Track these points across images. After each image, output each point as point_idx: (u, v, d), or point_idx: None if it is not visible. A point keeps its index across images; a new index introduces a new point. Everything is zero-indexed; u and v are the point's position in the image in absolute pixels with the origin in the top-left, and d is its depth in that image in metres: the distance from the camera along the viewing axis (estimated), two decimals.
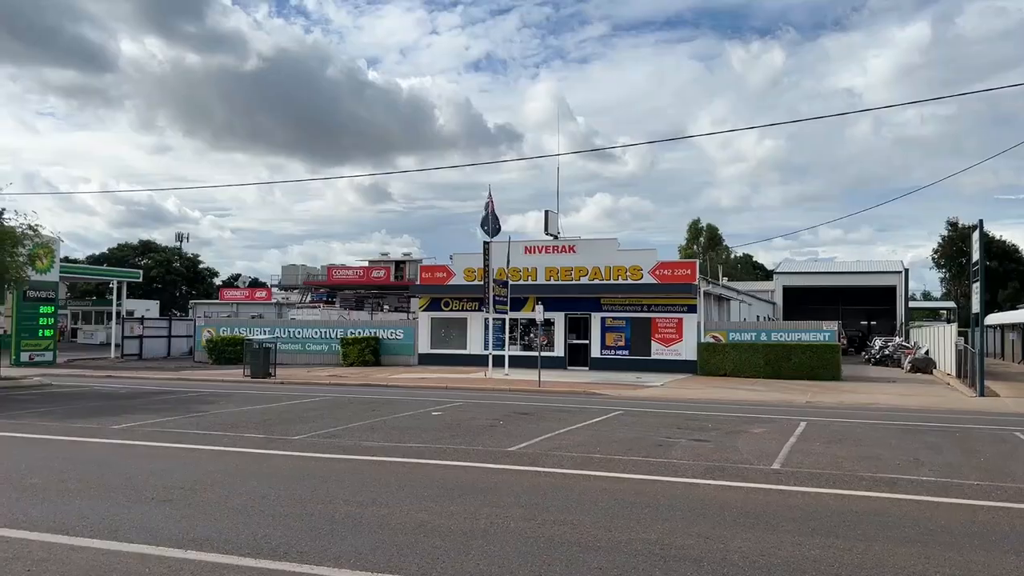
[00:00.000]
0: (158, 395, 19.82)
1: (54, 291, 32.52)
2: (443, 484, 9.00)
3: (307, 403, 18.10)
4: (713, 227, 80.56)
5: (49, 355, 31.52)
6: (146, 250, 76.87)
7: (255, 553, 6.19)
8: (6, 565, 5.82)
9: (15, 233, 21.28)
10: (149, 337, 37.26)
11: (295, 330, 34.36)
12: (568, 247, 31.15)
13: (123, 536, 6.61)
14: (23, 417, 14.80)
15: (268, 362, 25.61)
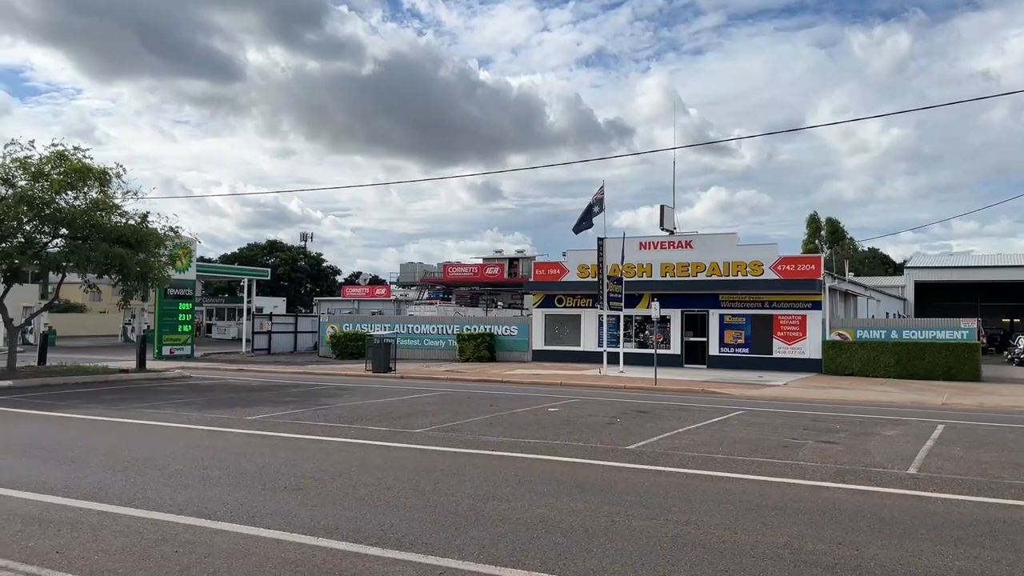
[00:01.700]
0: (287, 388, 20.71)
1: (192, 289, 34.53)
2: (562, 480, 9.00)
3: (426, 397, 18.50)
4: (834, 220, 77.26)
5: (187, 349, 33.47)
6: (273, 249, 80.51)
7: (382, 542, 6.36)
8: (155, 547, 6.21)
9: (158, 235, 22.68)
10: (277, 333, 38.97)
11: (413, 326, 35.18)
12: (684, 243, 30.58)
13: (260, 522, 6.93)
14: (166, 407, 15.77)
15: (388, 357, 26.33)
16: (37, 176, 20.49)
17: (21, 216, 20.01)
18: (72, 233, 21.05)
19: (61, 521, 6.89)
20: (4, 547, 6.09)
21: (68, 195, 20.94)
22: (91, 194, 21.34)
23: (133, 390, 19.61)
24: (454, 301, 58.28)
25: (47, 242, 21.57)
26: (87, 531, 6.59)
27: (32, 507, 7.36)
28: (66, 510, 7.28)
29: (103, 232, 20.85)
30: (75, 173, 20.75)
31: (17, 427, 13.06)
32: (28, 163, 20.70)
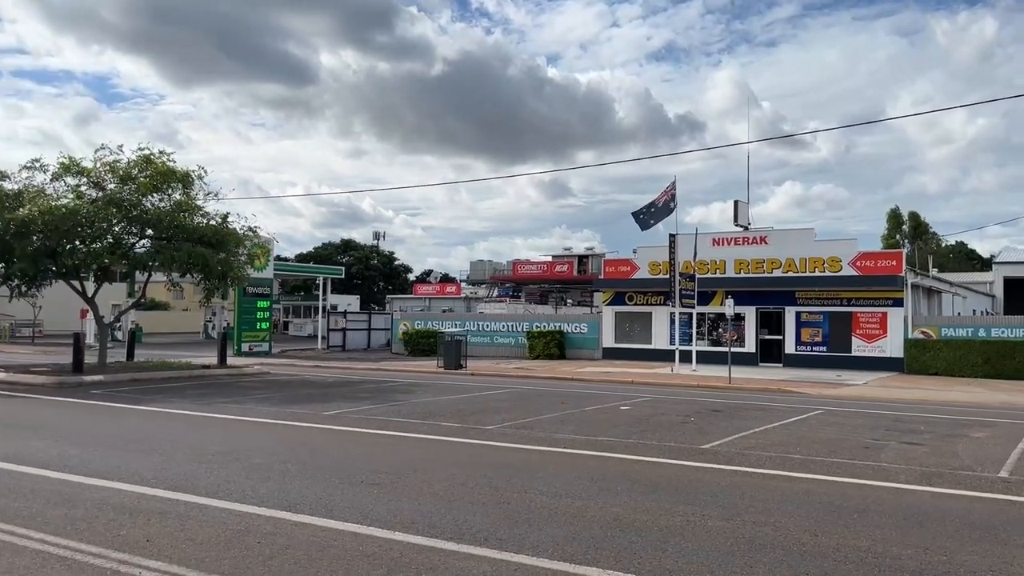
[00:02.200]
0: (361, 384, 21.10)
1: (269, 287, 35.48)
2: (636, 479, 8.93)
3: (497, 394, 18.60)
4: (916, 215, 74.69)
5: (265, 346, 34.40)
6: (347, 248, 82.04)
7: (457, 538, 6.42)
8: (239, 537, 6.40)
9: (238, 235, 23.40)
10: (351, 330, 39.70)
11: (483, 324, 35.41)
12: (759, 238, 29.98)
13: (338, 515, 7.07)
14: (247, 402, 16.25)
15: (459, 354, 26.55)
16: (125, 179, 21.35)
17: (111, 218, 20.89)
18: (157, 234, 21.88)
19: (151, 511, 7.16)
20: (97, 535, 6.36)
21: (154, 197, 21.76)
22: (175, 196, 22.14)
23: (215, 385, 20.27)
24: (523, 299, 58.39)
25: (134, 242, 22.48)
26: (175, 521, 6.83)
27: (123, 497, 7.67)
28: (155, 500, 7.56)
29: (186, 232, 21.60)
30: (160, 176, 21.55)
31: (108, 420, 13.64)
32: (117, 167, 21.59)
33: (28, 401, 16.28)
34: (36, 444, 10.68)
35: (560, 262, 60.00)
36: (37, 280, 22.00)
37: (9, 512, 6.99)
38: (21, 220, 19.66)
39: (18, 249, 20.21)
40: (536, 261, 62.78)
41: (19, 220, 19.67)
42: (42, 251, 20.73)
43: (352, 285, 72.07)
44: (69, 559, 5.75)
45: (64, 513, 7.02)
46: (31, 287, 22.28)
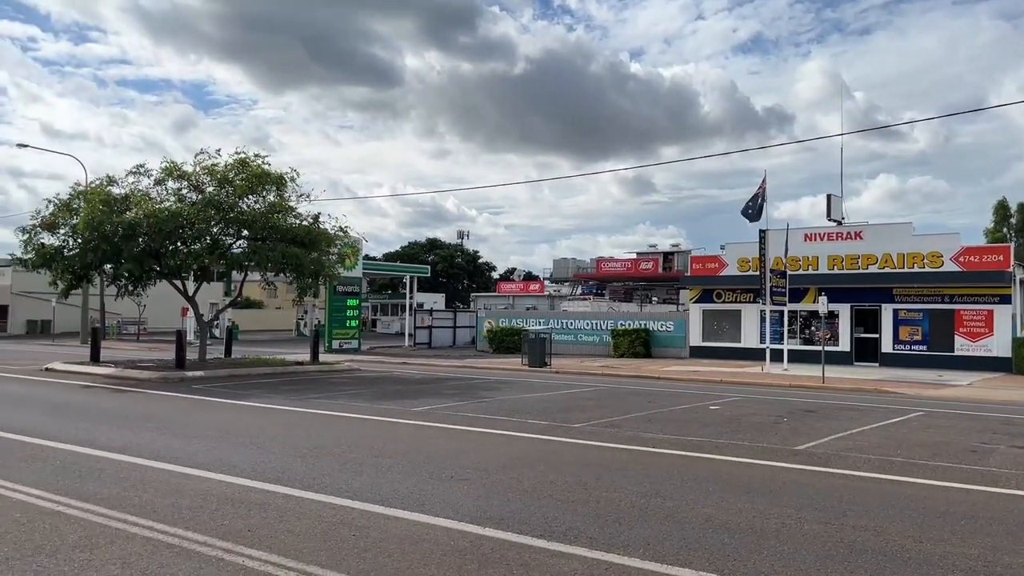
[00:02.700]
0: (448, 381, 21.36)
1: (358, 286, 36.29)
2: (727, 480, 8.76)
3: (583, 392, 18.54)
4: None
5: (355, 343, 35.20)
6: (432, 247, 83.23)
7: (547, 535, 6.43)
8: (334, 529, 6.57)
9: (329, 235, 24.04)
10: (437, 327, 40.23)
11: (567, 321, 35.34)
12: (854, 233, 28.97)
13: (430, 510, 7.18)
14: (339, 398, 16.66)
15: (544, 352, 26.58)
16: (223, 182, 22.19)
17: (210, 219, 21.75)
18: (253, 234, 22.66)
19: (251, 502, 7.43)
20: (202, 524, 6.63)
21: (249, 199, 22.55)
22: (269, 197, 22.88)
23: (308, 381, 20.86)
24: (608, 296, 58.04)
25: (231, 243, 23.34)
26: (274, 512, 7.06)
27: (225, 488, 7.98)
28: (254, 492, 7.84)
29: (280, 233, 22.30)
30: (255, 178, 22.32)
31: (209, 414, 14.21)
32: (215, 170, 22.46)
33: (135, 395, 17.11)
34: (144, 436, 11.21)
35: (645, 259, 59.38)
36: (142, 280, 23.09)
37: (121, 501, 7.36)
38: (128, 223, 20.67)
39: (125, 250, 21.24)
40: (620, 259, 62.33)
41: (126, 223, 20.69)
42: (147, 252, 21.73)
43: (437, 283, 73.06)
44: (177, 546, 6.02)
45: (171, 502, 7.34)
46: (137, 286, 23.41)
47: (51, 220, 22.16)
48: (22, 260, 23.09)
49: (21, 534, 6.28)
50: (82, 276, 23.01)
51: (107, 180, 22.89)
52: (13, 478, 8.22)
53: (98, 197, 21.51)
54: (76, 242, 21.96)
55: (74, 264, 22.14)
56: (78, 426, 12.09)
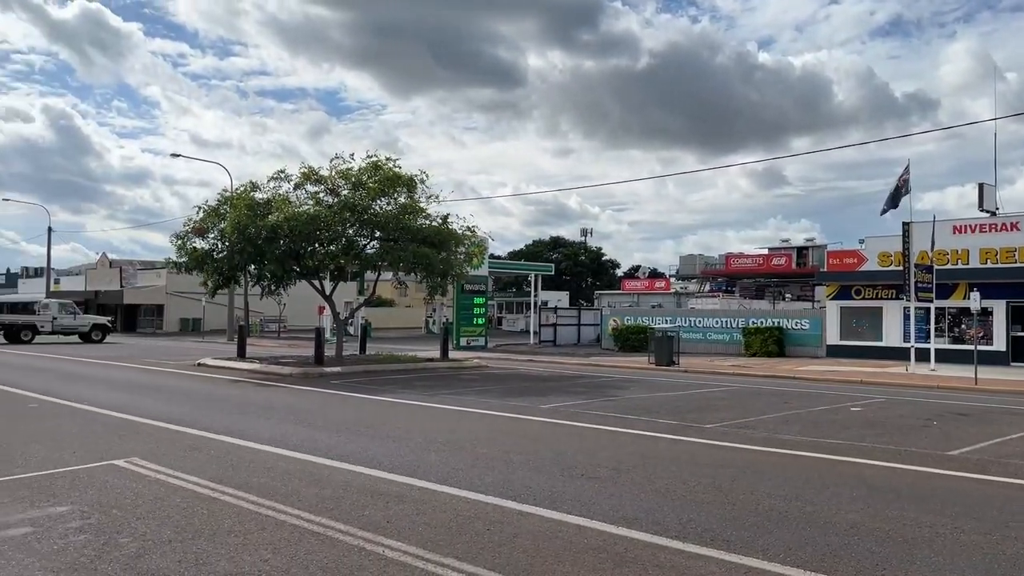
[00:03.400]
0: (574, 379, 21.35)
1: (485, 284, 36.82)
2: (873, 485, 8.34)
3: (713, 392, 18.10)
4: None
5: (481, 340, 35.75)
6: (556, 245, 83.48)
7: (682, 536, 6.31)
8: (469, 523, 6.68)
9: (457, 234, 24.56)
10: (562, 325, 40.29)
11: (695, 319, 34.61)
12: (1010, 224, 26.95)
13: (561, 507, 7.19)
14: (468, 394, 16.97)
15: (671, 350, 26.14)
16: (357, 185, 23.05)
17: (345, 221, 22.65)
18: (385, 235, 23.42)
19: (389, 494, 7.67)
20: (344, 514, 6.90)
21: (381, 201, 23.31)
22: (400, 199, 23.59)
23: (439, 378, 21.36)
24: (738, 293, 56.46)
25: (365, 244, 24.21)
26: (411, 504, 7.26)
27: (364, 480, 8.28)
28: (392, 484, 8.09)
29: (411, 233, 22.95)
30: (387, 181, 23.05)
31: (347, 408, 14.78)
32: (349, 174, 23.36)
33: (279, 390, 18.02)
34: (289, 429, 11.79)
35: (777, 255, 57.38)
36: (283, 280, 24.30)
37: (270, 489, 7.76)
38: (270, 226, 21.81)
39: (268, 252, 22.41)
40: (751, 254, 60.48)
41: (269, 226, 21.82)
42: (287, 253, 22.85)
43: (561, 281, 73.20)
44: (321, 534, 6.29)
45: (315, 492, 7.68)
46: (279, 287, 24.65)
47: (202, 225, 23.67)
48: (176, 263, 24.82)
49: (182, 519, 6.73)
50: (229, 277, 24.47)
51: (251, 186, 24.23)
52: (175, 466, 8.82)
53: (243, 202, 22.80)
54: (224, 245, 23.37)
55: (222, 266, 23.56)
56: (229, 418, 12.85)
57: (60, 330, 40.54)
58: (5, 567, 5.51)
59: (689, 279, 66.83)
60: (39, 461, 9.15)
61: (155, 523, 6.58)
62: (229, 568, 5.50)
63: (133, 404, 14.51)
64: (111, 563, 5.59)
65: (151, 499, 7.38)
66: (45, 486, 7.91)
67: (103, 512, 6.91)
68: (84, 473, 8.49)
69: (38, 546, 5.98)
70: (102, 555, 5.76)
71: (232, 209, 22.88)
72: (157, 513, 6.89)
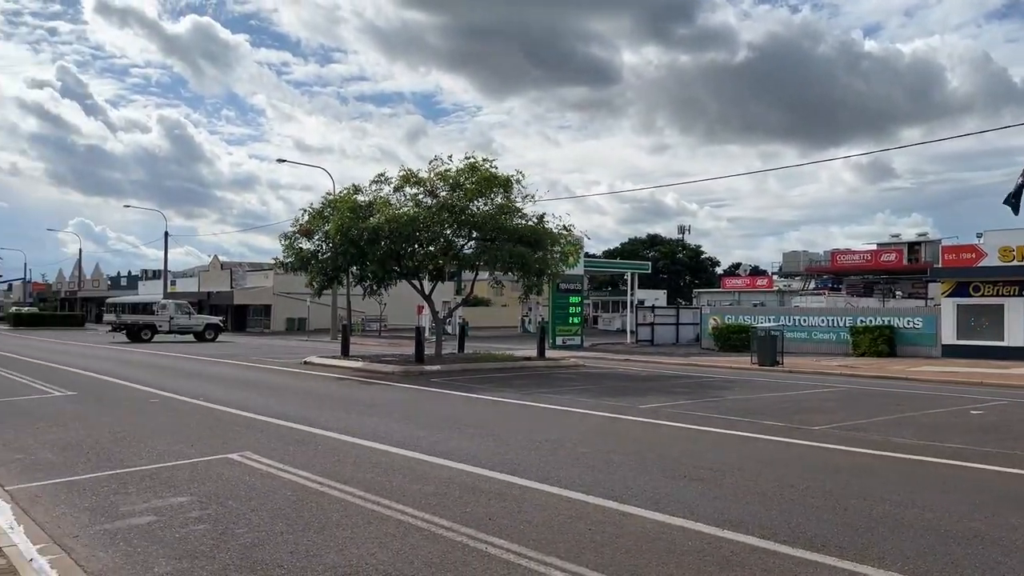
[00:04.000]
0: (673, 379, 21.02)
1: (580, 283, 36.71)
2: (997, 492, 7.88)
3: (820, 393, 17.49)
4: None
5: (577, 340, 35.64)
6: (652, 243, 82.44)
7: (791, 541, 6.12)
8: (571, 523, 6.66)
9: (553, 234, 24.56)
10: (659, 324, 39.72)
11: (799, 318, 33.50)
12: None
13: (664, 508, 7.08)
14: (566, 393, 16.94)
15: (775, 350, 25.39)
16: (455, 186, 23.35)
17: (443, 222, 22.98)
18: (482, 235, 23.64)
19: (490, 491, 7.73)
20: (447, 510, 6.99)
21: (478, 201, 23.54)
22: (497, 199, 23.75)
23: (536, 376, 21.41)
24: (844, 291, 54.38)
25: (463, 244, 24.50)
26: (511, 502, 7.30)
27: (466, 477, 8.37)
28: (492, 482, 8.15)
29: (507, 233, 23.08)
30: (484, 182, 23.26)
31: (447, 406, 14.99)
32: (447, 175, 23.69)
33: (381, 387, 18.45)
34: (391, 425, 12.05)
35: (886, 250, 54.98)
36: (385, 280, 24.86)
37: (374, 484, 7.95)
38: (372, 228, 22.35)
39: (370, 253, 22.97)
40: (858, 250, 58.17)
41: (370, 228, 22.37)
42: (388, 254, 23.36)
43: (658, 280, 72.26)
44: (425, 530, 6.39)
45: (418, 488, 7.82)
46: (380, 286, 25.22)
47: (307, 227, 24.46)
48: (283, 264, 25.71)
49: (292, 511, 6.97)
50: (333, 277, 25.20)
51: (353, 189, 24.89)
52: (285, 460, 9.15)
53: (346, 205, 23.45)
54: (328, 246, 24.08)
55: (326, 266, 24.29)
56: (335, 415, 13.24)
57: (176, 329, 42.71)
58: (132, 554, 5.84)
59: (792, 276, 64.81)
60: (160, 453, 9.66)
61: (268, 515, 6.84)
62: (338, 560, 5.66)
63: (244, 400, 15.13)
64: (228, 552, 5.84)
65: (263, 492, 7.67)
66: (166, 477, 8.34)
67: (220, 503, 7.23)
68: (202, 465, 8.91)
69: (161, 534, 6.30)
70: (220, 544, 6.02)
71: (335, 212, 23.55)
72: (269, 505, 7.16)
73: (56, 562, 5.58)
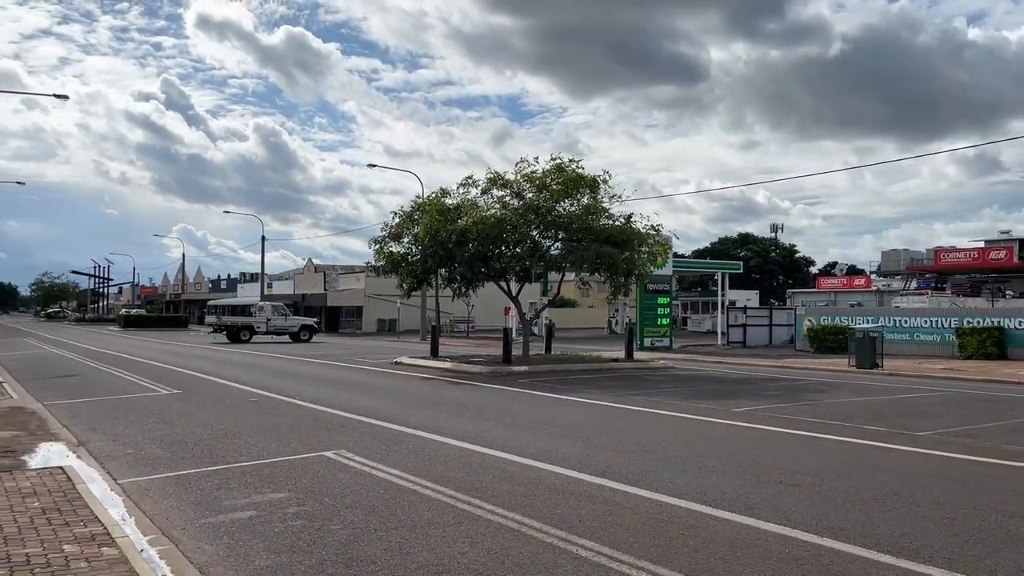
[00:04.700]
0: (766, 382, 20.49)
1: (669, 284, 36.18)
2: None
3: (923, 398, 16.74)
4: None
5: (666, 341, 35.14)
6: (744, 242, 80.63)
7: (895, 551, 5.87)
8: (662, 527, 6.56)
9: (641, 234, 24.30)
10: (751, 326, 38.80)
11: (900, 319, 32.16)
12: None
13: (758, 514, 6.90)
14: (656, 395, 16.72)
15: (874, 352, 24.44)
16: (541, 188, 23.38)
17: (530, 224, 23.04)
18: (569, 236, 23.59)
19: (579, 493, 7.69)
20: (536, 511, 6.99)
21: (565, 202, 23.50)
22: (583, 200, 23.67)
23: (624, 378, 21.21)
24: (949, 290, 51.95)
25: (549, 245, 24.51)
26: (602, 505, 7.24)
27: (555, 478, 8.35)
28: (582, 484, 8.10)
29: (594, 234, 22.96)
30: (570, 182, 23.21)
31: (535, 407, 15.01)
32: (533, 177, 23.74)
33: (469, 387, 18.62)
34: (480, 425, 12.15)
35: (995, 248, 52.27)
36: (472, 282, 25.10)
37: (464, 484, 8.02)
38: (460, 230, 22.61)
39: (458, 255, 23.24)
40: (964, 248, 55.51)
41: (458, 230, 22.64)
42: (476, 256, 23.57)
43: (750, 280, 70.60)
44: (516, 530, 6.41)
45: (508, 488, 7.85)
46: (468, 288, 25.48)
47: (397, 230, 24.93)
48: (375, 266, 26.26)
49: (385, 509, 7.10)
50: (422, 279, 25.62)
51: (441, 192, 25.24)
52: (378, 459, 9.34)
53: (435, 208, 23.79)
54: (417, 249, 24.49)
55: (416, 268, 24.71)
56: (425, 414, 13.43)
57: (273, 330, 44.19)
58: (234, 547, 6.05)
59: (892, 276, 62.34)
60: (259, 450, 10.00)
61: (362, 512, 6.98)
62: (430, 559, 5.73)
63: (338, 399, 15.52)
64: (325, 548, 5.99)
65: (357, 490, 7.84)
66: (265, 474, 8.62)
67: (316, 500, 7.43)
68: (298, 463, 9.18)
69: (261, 529, 6.52)
70: (316, 540, 6.18)
71: (424, 215, 23.92)
72: (363, 503, 7.31)
73: (165, 553, 5.84)
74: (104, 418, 13.03)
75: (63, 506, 6.91)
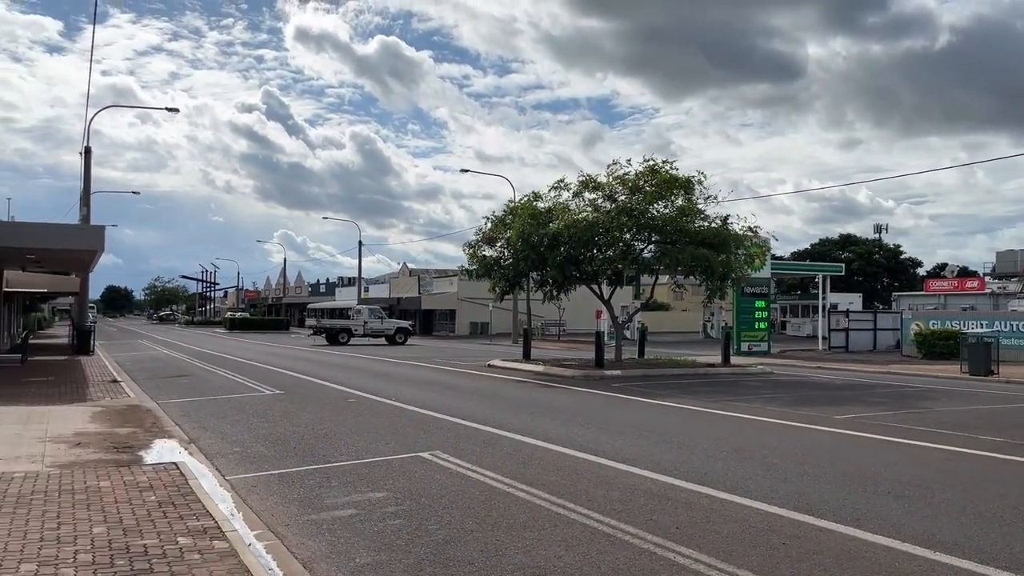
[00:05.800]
0: (871, 388, 19.71)
1: (767, 287, 35.25)
2: None
3: None
4: None
5: (764, 345, 34.23)
6: (846, 243, 77.76)
7: (1014, 568, 5.56)
8: (763, 536, 6.39)
9: (738, 235, 23.75)
10: (854, 330, 37.44)
11: (1017, 323, 30.38)
12: None
13: (865, 526, 6.64)
14: (754, 401, 16.31)
15: (988, 358, 23.18)
16: (634, 190, 23.17)
17: (622, 226, 22.87)
18: (662, 238, 23.30)
19: (676, 500, 7.58)
20: (632, 516, 6.92)
21: (658, 204, 23.22)
22: (678, 202, 23.32)
23: (720, 383, 20.78)
24: None
25: (642, 248, 24.26)
26: (700, 512, 7.11)
27: (651, 484, 8.25)
28: (679, 490, 7.98)
29: (688, 236, 22.59)
30: (664, 184, 22.92)
31: (629, 411, 14.88)
32: (626, 179, 23.55)
33: (562, 391, 18.60)
34: (573, 429, 12.12)
35: None
36: (564, 285, 25.08)
37: (559, 487, 8.01)
38: (552, 234, 22.65)
39: (550, 259, 23.27)
40: None
41: (550, 234, 22.68)
42: (568, 259, 23.53)
43: (852, 282, 68.07)
44: (611, 535, 6.36)
45: (603, 493, 7.80)
46: (560, 291, 25.47)
47: (490, 235, 25.16)
48: (468, 270, 26.57)
49: (481, 510, 7.16)
50: (514, 283, 25.78)
51: (533, 196, 25.34)
52: (473, 460, 9.43)
53: (526, 212, 23.90)
54: (509, 253, 24.65)
55: (508, 272, 24.88)
56: (518, 417, 13.49)
57: (370, 333, 45.25)
58: (336, 544, 6.23)
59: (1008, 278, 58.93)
60: (358, 450, 10.25)
61: (458, 513, 7.07)
62: (525, 561, 5.75)
63: (433, 401, 15.76)
64: (422, 547, 6.10)
65: (454, 490, 7.95)
66: (364, 473, 8.83)
67: (413, 500, 7.56)
68: (396, 463, 9.37)
69: (361, 527, 6.68)
70: (414, 539, 6.30)
71: (516, 219, 24.05)
72: (459, 504, 7.40)
73: (271, 548, 6.06)
74: (212, 416, 13.63)
75: (177, 500, 7.26)
